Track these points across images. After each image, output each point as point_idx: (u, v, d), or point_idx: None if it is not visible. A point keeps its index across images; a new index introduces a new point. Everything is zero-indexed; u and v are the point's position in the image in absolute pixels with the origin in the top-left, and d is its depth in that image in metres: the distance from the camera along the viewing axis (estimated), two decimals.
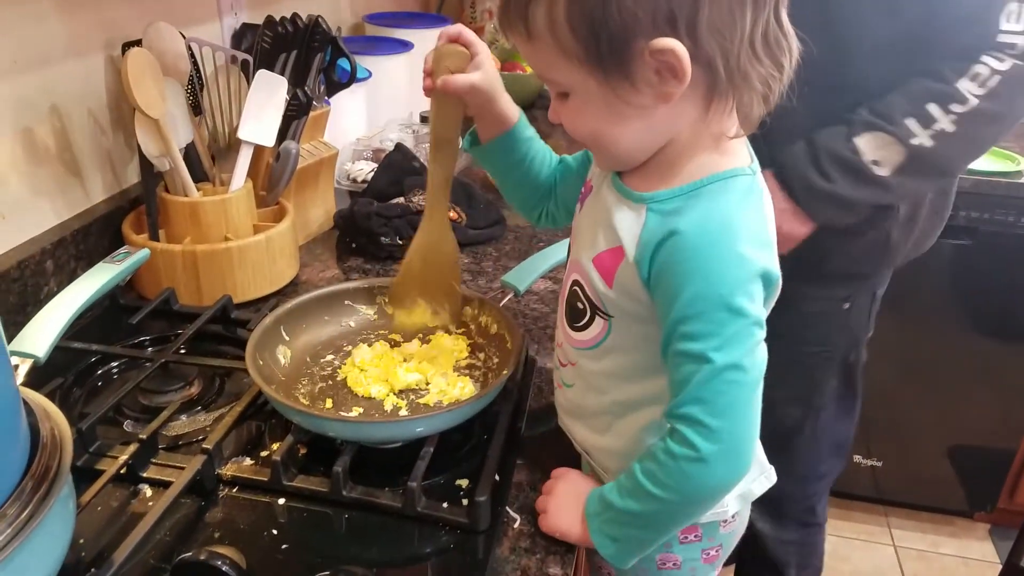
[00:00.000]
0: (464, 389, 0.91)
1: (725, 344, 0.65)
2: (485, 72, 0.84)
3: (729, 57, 0.62)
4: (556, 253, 1.12)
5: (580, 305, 0.76)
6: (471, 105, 0.86)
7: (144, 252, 1.00)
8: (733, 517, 0.84)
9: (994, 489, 2.09)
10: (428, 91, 0.86)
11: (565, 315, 0.80)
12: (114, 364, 1.00)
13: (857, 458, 2.12)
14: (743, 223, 0.67)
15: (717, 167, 0.69)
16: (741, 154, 0.71)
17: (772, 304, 0.72)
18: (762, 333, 0.67)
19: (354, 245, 1.30)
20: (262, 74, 1.10)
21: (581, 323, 0.77)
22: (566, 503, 0.77)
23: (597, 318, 0.75)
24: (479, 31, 2.23)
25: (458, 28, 0.84)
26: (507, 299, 1.03)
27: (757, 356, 0.67)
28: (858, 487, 2.19)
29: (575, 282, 0.77)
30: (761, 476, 0.84)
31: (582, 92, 0.67)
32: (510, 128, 0.87)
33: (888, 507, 2.23)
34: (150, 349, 1.03)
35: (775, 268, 0.68)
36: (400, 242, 1.27)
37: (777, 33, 0.64)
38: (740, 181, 0.68)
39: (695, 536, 0.85)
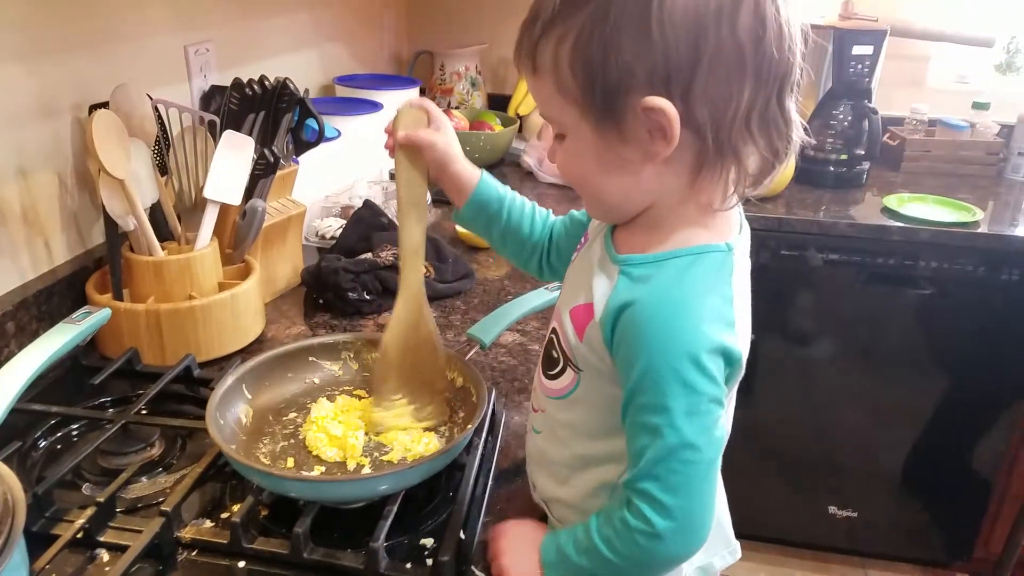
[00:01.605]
0: (429, 445, 0.91)
1: (679, 420, 0.65)
2: (444, 133, 0.87)
3: (720, 128, 0.63)
4: (521, 305, 1.12)
5: (555, 354, 0.77)
6: (432, 166, 0.88)
7: (105, 312, 1.00)
8: None
9: (970, 537, 2.09)
10: (390, 148, 0.89)
11: (542, 361, 0.80)
12: (74, 426, 0.99)
13: (832, 509, 2.12)
14: (702, 301, 0.66)
15: (694, 240, 0.69)
16: (725, 228, 0.71)
17: (736, 384, 0.72)
18: (720, 410, 0.67)
19: (321, 301, 1.30)
20: (228, 134, 1.11)
21: (554, 371, 0.77)
22: (520, 548, 0.76)
23: (568, 369, 0.75)
24: (448, 92, 2.28)
25: (419, 99, 0.88)
26: (473, 352, 1.03)
27: (714, 434, 0.67)
28: (834, 539, 2.18)
29: (553, 330, 0.78)
30: (725, 551, 0.85)
31: (576, 135, 0.68)
32: (474, 188, 0.89)
33: (866, 559, 2.22)
34: (111, 410, 1.01)
35: (736, 347, 0.67)
36: (368, 297, 1.27)
37: (777, 115, 0.65)
38: (710, 258, 0.68)
39: None
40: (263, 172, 1.17)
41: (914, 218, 1.85)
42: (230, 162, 1.11)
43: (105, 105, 1.09)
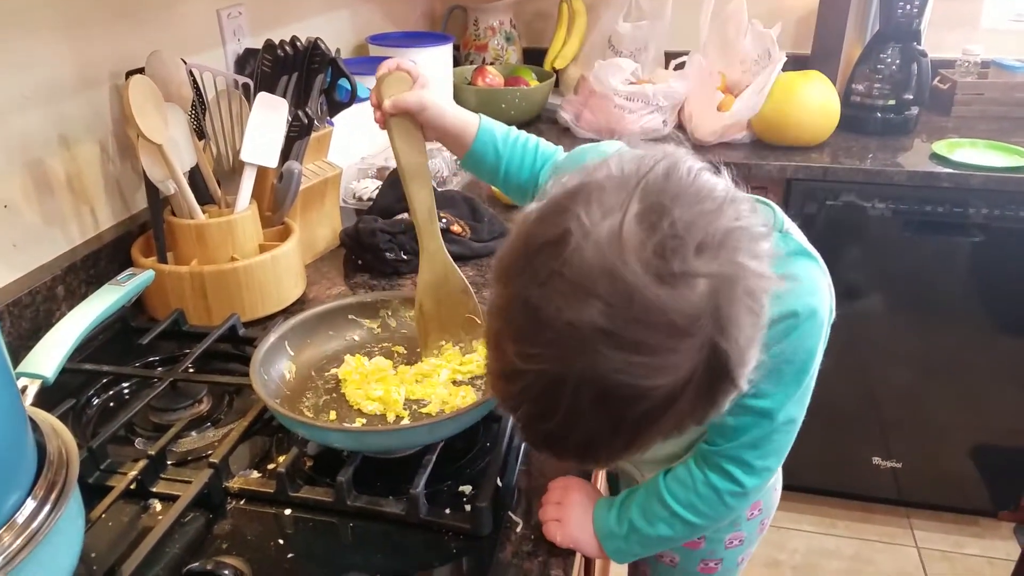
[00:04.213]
0: (465, 399, 0.92)
1: (789, 403, 0.69)
2: (430, 90, 0.88)
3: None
4: None
5: None
6: (427, 127, 0.88)
7: (149, 273, 1.02)
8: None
9: (1018, 487, 2.06)
10: (380, 122, 0.89)
11: None
12: (125, 384, 1.02)
13: (876, 460, 2.10)
14: (819, 282, 0.70)
15: None
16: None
17: (828, 330, 0.74)
18: (814, 379, 0.72)
19: (360, 262, 1.32)
20: (262, 96, 1.12)
21: None
22: (581, 515, 0.79)
23: None
24: (482, 48, 2.26)
25: (394, 61, 0.88)
26: None
27: (807, 401, 0.72)
28: (879, 489, 2.16)
29: None
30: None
31: None
32: (474, 136, 0.89)
33: (910, 508, 2.20)
34: (160, 369, 1.05)
35: (832, 310, 0.72)
36: (405, 257, 1.28)
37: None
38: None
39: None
40: (298, 134, 1.18)
41: (964, 164, 1.79)
42: (265, 124, 1.13)
43: (141, 72, 1.11)
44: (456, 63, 2.05)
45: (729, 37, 1.99)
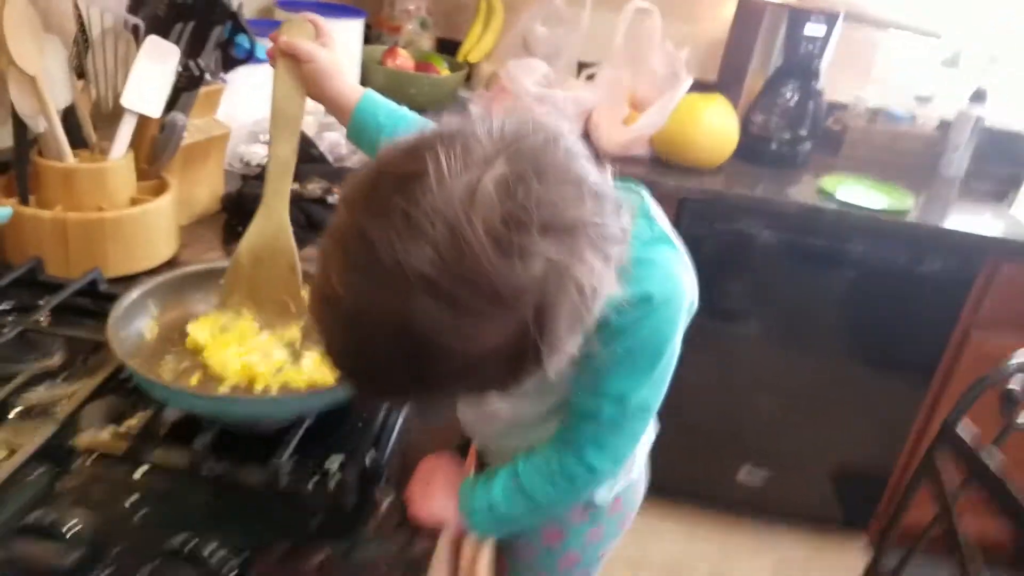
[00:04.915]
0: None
1: (644, 388, 0.71)
2: (329, 50, 0.87)
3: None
4: None
5: None
6: (311, 82, 0.86)
7: (6, 210, 0.94)
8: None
9: (871, 507, 2.18)
10: (271, 56, 0.87)
11: None
12: None
13: (742, 474, 2.18)
14: (677, 267, 0.70)
15: None
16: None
17: (688, 321, 0.74)
18: (672, 366, 0.72)
19: (240, 229, 1.25)
20: (152, 40, 1.05)
21: None
22: (447, 494, 0.78)
23: None
24: (395, 30, 2.22)
25: (309, 14, 0.87)
26: None
27: (664, 389, 0.72)
28: (743, 500, 2.24)
29: None
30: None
31: None
32: (356, 103, 0.87)
33: (773, 518, 2.29)
34: (11, 317, 0.96)
35: (694, 297, 0.73)
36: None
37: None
38: (642, 236, 0.68)
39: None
40: (187, 85, 1.11)
41: (847, 202, 1.88)
42: (152, 71, 1.06)
43: None
44: (367, 41, 2.00)
45: (641, 53, 2.03)
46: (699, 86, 1.95)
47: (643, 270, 0.65)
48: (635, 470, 0.90)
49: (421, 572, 0.70)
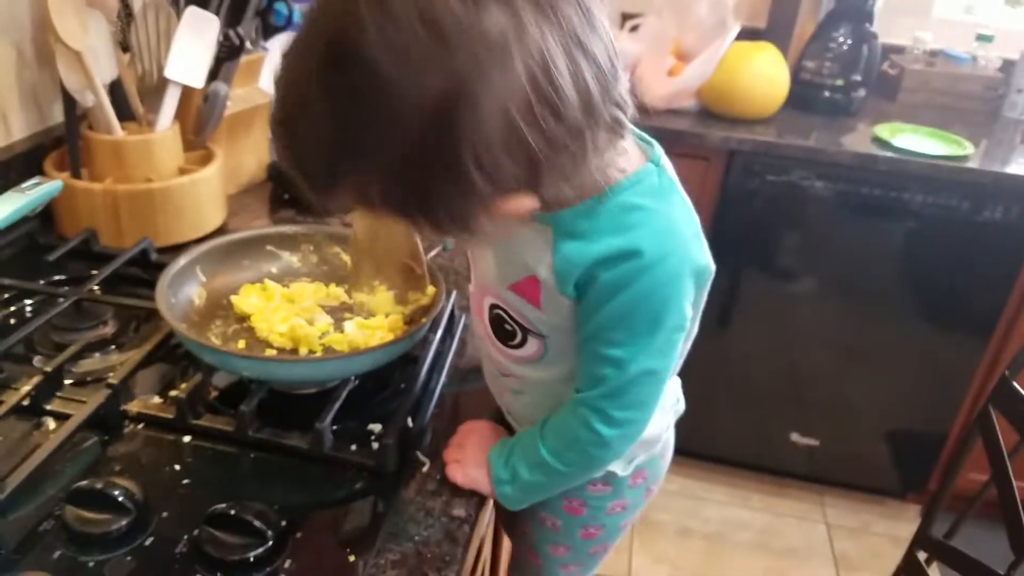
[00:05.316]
0: (383, 337, 0.90)
1: (644, 353, 0.66)
2: None
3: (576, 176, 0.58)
4: None
5: (508, 327, 0.74)
6: None
7: (56, 183, 0.97)
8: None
9: (926, 471, 2.13)
10: None
11: (494, 334, 0.77)
12: (28, 301, 0.98)
13: (794, 437, 2.15)
14: (688, 229, 0.66)
15: (615, 176, 0.63)
16: (632, 155, 0.66)
17: (705, 292, 0.71)
18: (682, 334, 0.68)
19: (286, 197, 1.28)
20: (191, 11, 1.07)
21: (515, 342, 0.75)
22: (480, 458, 0.78)
23: (530, 338, 0.73)
24: None
25: None
26: (434, 252, 1.02)
27: (672, 357, 0.69)
28: (794, 465, 2.22)
29: (495, 306, 0.75)
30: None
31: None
32: None
33: (823, 486, 2.26)
34: (65, 288, 1.00)
35: (708, 262, 0.68)
36: None
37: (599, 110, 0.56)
38: (647, 183, 0.65)
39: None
40: (228, 55, 1.13)
41: (904, 149, 1.82)
42: (193, 42, 1.07)
43: None
44: None
45: (686, 2, 1.98)
46: (747, 33, 1.89)
47: (638, 218, 0.63)
48: (658, 446, 0.87)
49: (461, 536, 0.71)
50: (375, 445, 0.78)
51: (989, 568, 1.09)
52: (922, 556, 1.29)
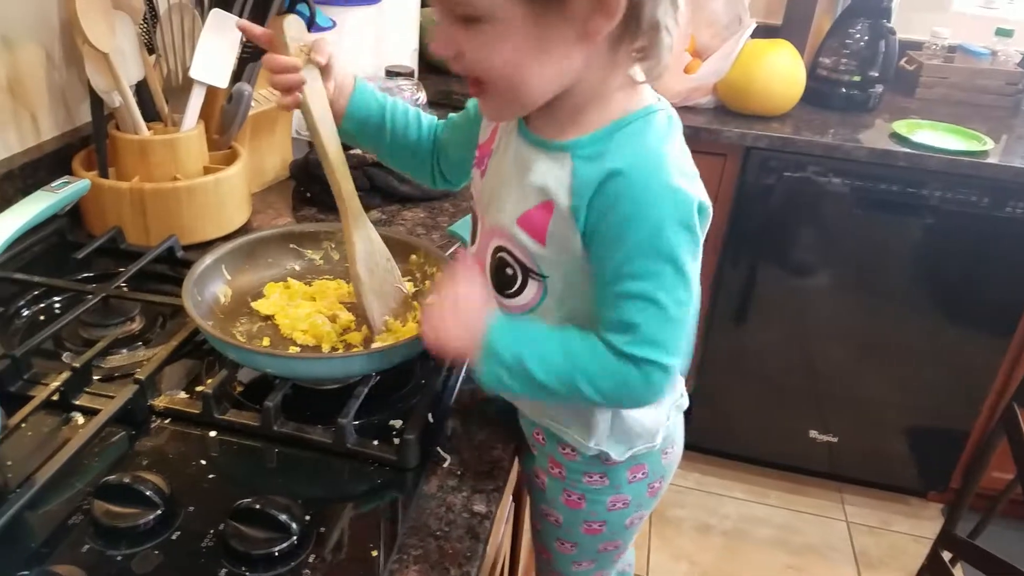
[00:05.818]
0: (400, 334, 0.91)
1: (671, 284, 0.67)
2: (324, 40, 0.82)
3: (656, 4, 0.64)
4: None
5: (510, 271, 0.76)
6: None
7: (84, 182, 1.00)
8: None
9: (948, 469, 2.12)
10: (290, 103, 0.80)
11: (493, 284, 0.79)
12: (57, 298, 1.00)
13: (813, 433, 2.15)
14: (672, 157, 0.68)
15: (631, 106, 0.70)
16: (647, 93, 0.72)
17: (707, 229, 0.72)
18: (698, 264, 0.70)
19: (309, 195, 1.30)
20: (215, 13, 1.08)
21: (512, 289, 0.76)
22: (464, 322, 0.71)
23: (530, 281, 0.75)
24: None
25: (291, 18, 0.81)
26: (454, 249, 1.03)
27: (695, 286, 0.69)
28: (813, 462, 2.22)
29: (499, 248, 0.76)
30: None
31: (502, 20, 0.63)
32: (353, 88, 0.86)
33: (842, 483, 2.26)
34: (93, 285, 1.02)
35: (706, 197, 0.70)
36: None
37: None
38: (658, 116, 0.70)
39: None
40: (251, 56, 1.14)
41: (923, 145, 1.81)
42: (217, 43, 1.09)
43: None
44: (424, 4, 2.00)
45: (701, 0, 1.98)
46: (763, 30, 1.90)
47: (625, 141, 0.67)
48: (658, 440, 0.85)
49: (482, 532, 0.72)
50: (396, 440, 0.79)
51: (1017, 569, 1.08)
52: (946, 556, 1.28)
